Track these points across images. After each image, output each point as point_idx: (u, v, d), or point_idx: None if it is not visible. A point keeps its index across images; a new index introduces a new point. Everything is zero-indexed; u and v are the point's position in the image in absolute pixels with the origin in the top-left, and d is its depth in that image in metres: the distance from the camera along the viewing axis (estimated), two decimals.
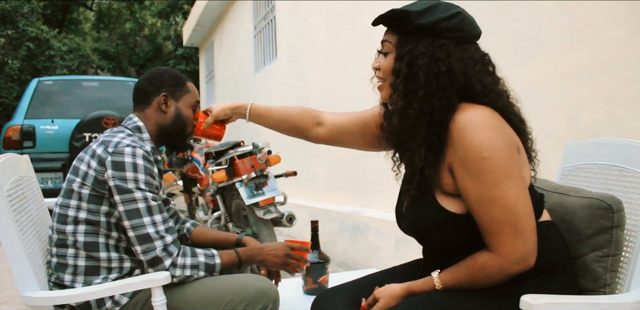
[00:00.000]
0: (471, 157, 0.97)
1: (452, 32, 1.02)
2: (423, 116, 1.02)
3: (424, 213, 1.07)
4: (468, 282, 1.02)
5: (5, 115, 11.04)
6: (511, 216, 0.96)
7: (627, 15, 1.80)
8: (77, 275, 1.33)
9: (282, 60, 5.50)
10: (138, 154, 1.31)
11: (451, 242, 1.08)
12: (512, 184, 0.97)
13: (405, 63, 1.03)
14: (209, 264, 1.36)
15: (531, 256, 0.98)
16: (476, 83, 1.03)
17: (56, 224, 1.35)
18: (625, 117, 1.81)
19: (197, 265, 1.34)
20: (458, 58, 1.02)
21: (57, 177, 4.93)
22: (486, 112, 1.01)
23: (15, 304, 2.83)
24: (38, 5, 12.80)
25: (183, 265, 1.31)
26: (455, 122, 1.00)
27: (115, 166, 1.29)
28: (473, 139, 0.97)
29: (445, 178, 1.04)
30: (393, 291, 1.08)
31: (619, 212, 1.08)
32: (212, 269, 1.36)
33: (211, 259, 1.37)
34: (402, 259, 2.89)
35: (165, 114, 1.47)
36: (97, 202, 1.32)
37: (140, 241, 1.28)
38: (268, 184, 2.73)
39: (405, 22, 1.04)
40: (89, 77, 6.38)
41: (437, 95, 1.01)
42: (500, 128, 1.00)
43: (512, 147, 1.00)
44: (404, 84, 1.04)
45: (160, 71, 1.51)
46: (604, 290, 1.08)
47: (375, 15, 1.13)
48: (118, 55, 16.26)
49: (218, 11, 8.47)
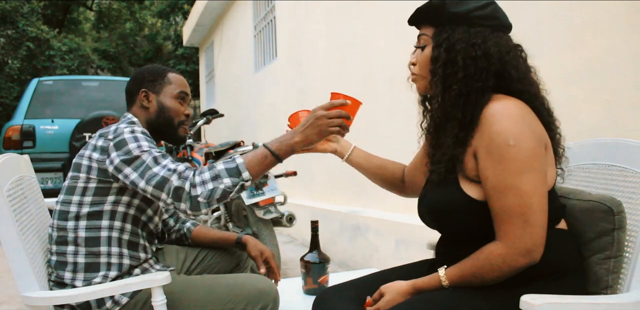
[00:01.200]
0: (496, 143, 1.00)
1: (487, 20, 1.08)
2: (461, 97, 1.06)
3: (444, 195, 1.10)
4: (473, 273, 1.02)
5: (5, 115, 11.04)
6: (524, 207, 0.97)
7: (627, 15, 1.80)
8: (77, 272, 1.33)
9: (282, 60, 5.50)
10: (137, 130, 1.34)
11: (466, 230, 1.08)
12: (531, 176, 0.98)
13: (443, 49, 1.08)
14: (230, 168, 1.22)
15: (537, 251, 0.98)
16: (512, 68, 1.07)
17: (57, 221, 1.35)
18: (625, 117, 1.81)
19: (218, 174, 1.21)
20: (493, 43, 1.07)
21: (57, 177, 4.93)
22: (519, 105, 1.04)
23: (15, 304, 2.83)
24: (38, 5, 12.80)
25: (202, 182, 1.20)
26: (487, 109, 1.03)
27: (117, 146, 1.29)
28: (502, 127, 1.00)
29: (469, 162, 1.06)
30: (399, 287, 1.09)
31: (620, 214, 1.08)
32: (237, 170, 1.22)
33: (231, 163, 1.24)
34: (402, 259, 2.89)
35: (148, 110, 1.48)
36: (103, 193, 1.33)
37: (159, 187, 1.21)
38: (268, 184, 2.73)
39: (441, 11, 1.09)
40: (89, 77, 6.38)
41: (474, 77, 1.06)
42: (531, 122, 1.03)
43: (538, 143, 1.02)
44: (443, 68, 1.08)
45: (141, 69, 1.53)
46: (605, 292, 1.08)
47: (375, 15, 1.13)
48: (118, 55, 16.27)
49: (218, 11, 8.47)
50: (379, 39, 3.39)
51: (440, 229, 1.17)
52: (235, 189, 1.21)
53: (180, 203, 1.20)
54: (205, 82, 10.71)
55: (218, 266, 1.65)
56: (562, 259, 1.05)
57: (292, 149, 1.24)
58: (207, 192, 1.19)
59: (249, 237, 1.60)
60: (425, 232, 2.64)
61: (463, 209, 1.06)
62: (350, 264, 3.56)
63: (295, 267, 3.46)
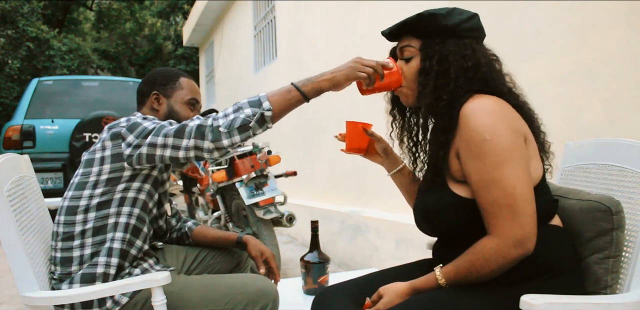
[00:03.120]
0: (474, 139, 1.01)
1: (472, 32, 1.13)
2: (449, 105, 1.09)
3: (434, 197, 1.11)
4: (469, 269, 1.02)
5: (5, 115, 11.05)
6: (509, 198, 0.98)
7: (627, 15, 1.80)
8: (83, 264, 1.33)
9: (282, 60, 5.50)
10: (149, 118, 1.36)
11: (460, 230, 1.08)
12: (512, 167, 0.99)
13: (435, 61, 1.11)
14: (252, 101, 1.22)
15: (529, 240, 0.98)
16: (495, 74, 1.13)
17: (64, 216, 1.36)
18: (625, 117, 1.81)
19: (240, 107, 1.21)
20: (481, 54, 1.12)
21: (57, 177, 4.93)
22: (493, 100, 1.06)
23: (15, 304, 2.83)
24: (38, 5, 12.80)
25: (225, 115, 1.22)
26: (464, 108, 1.05)
27: (130, 130, 1.32)
28: (477, 123, 1.01)
29: (453, 164, 1.08)
30: (398, 288, 1.09)
31: (619, 214, 1.08)
32: (258, 101, 1.21)
33: (254, 97, 1.23)
34: (402, 259, 2.89)
35: (158, 112, 1.51)
36: (114, 183, 1.35)
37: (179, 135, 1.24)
38: (268, 184, 2.73)
39: (432, 24, 1.12)
40: (89, 77, 6.37)
41: (464, 88, 1.09)
42: (506, 115, 1.04)
43: (515, 134, 1.03)
44: (435, 80, 1.11)
45: (153, 71, 1.55)
46: (605, 292, 1.08)
47: (375, 15, 1.14)
48: (118, 55, 16.27)
49: (218, 11, 8.48)
50: (379, 39, 3.38)
51: (435, 231, 1.17)
52: (255, 118, 1.19)
53: (204, 141, 1.20)
54: (205, 82, 10.72)
55: (218, 266, 1.65)
56: (558, 256, 1.05)
57: (318, 86, 1.22)
58: (228, 122, 1.19)
59: (249, 237, 1.60)
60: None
61: (454, 209, 1.07)
62: (350, 264, 3.56)
63: (295, 267, 3.46)
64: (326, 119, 4.33)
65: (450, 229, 1.11)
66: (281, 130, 5.51)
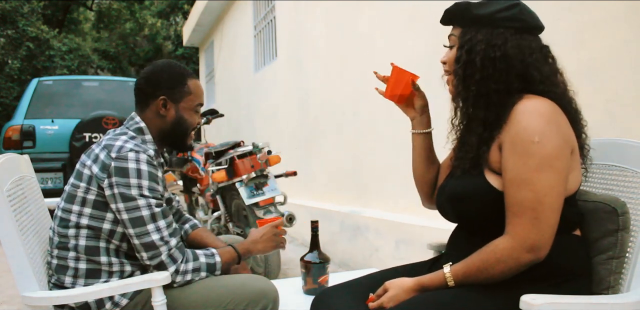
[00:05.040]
0: (522, 138, 1.01)
1: (511, 22, 1.08)
2: (480, 98, 1.08)
3: (468, 181, 1.11)
4: (479, 268, 1.02)
5: (5, 115, 11.04)
6: (536, 203, 0.98)
7: (627, 15, 1.80)
8: (78, 277, 1.33)
9: (282, 60, 5.50)
10: (142, 159, 1.30)
11: (482, 217, 1.08)
12: (550, 174, 0.99)
13: (465, 50, 1.10)
14: (210, 264, 1.38)
15: (543, 249, 0.98)
16: (534, 71, 1.07)
17: (57, 227, 1.35)
18: (625, 117, 1.81)
19: (199, 267, 1.36)
20: (514, 45, 1.07)
21: (57, 177, 4.93)
22: (549, 104, 1.04)
23: (15, 304, 2.83)
24: (38, 5, 12.80)
25: (185, 271, 1.33)
26: (517, 107, 1.04)
27: (118, 172, 1.27)
28: (529, 123, 1.01)
29: (494, 155, 1.08)
30: (404, 283, 1.09)
31: (624, 215, 1.08)
32: (214, 268, 1.38)
33: (211, 258, 1.39)
34: (402, 259, 2.89)
35: (164, 118, 1.43)
36: (103, 208, 1.31)
37: (145, 248, 1.29)
38: (268, 184, 2.73)
39: (466, 13, 1.11)
40: (89, 77, 6.38)
41: (492, 79, 1.07)
42: (559, 123, 1.03)
43: (564, 144, 1.02)
44: (463, 69, 1.10)
45: (158, 69, 1.44)
46: (607, 292, 1.08)
47: (375, 15, 1.14)
48: (118, 55, 16.27)
49: (218, 11, 8.47)
50: (379, 38, 3.39)
51: (456, 216, 1.17)
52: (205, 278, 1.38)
53: (157, 271, 1.31)
54: (205, 82, 10.71)
55: None
56: (575, 264, 1.06)
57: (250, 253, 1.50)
58: (184, 282, 1.34)
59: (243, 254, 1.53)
60: (425, 232, 2.65)
61: (482, 197, 1.07)
62: (350, 264, 3.56)
63: (295, 267, 3.45)
64: (326, 119, 4.33)
65: (473, 216, 1.10)
66: (281, 130, 5.51)
